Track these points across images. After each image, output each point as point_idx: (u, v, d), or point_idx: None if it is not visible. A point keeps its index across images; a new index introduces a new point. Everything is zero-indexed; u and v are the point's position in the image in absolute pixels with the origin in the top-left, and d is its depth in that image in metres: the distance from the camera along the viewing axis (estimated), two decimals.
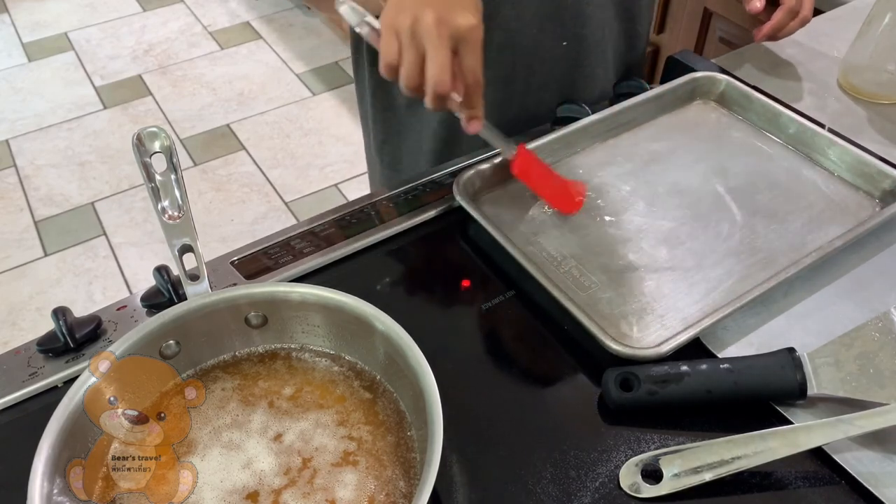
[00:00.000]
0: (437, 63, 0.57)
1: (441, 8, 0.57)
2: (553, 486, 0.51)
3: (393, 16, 0.59)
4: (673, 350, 0.56)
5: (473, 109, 0.62)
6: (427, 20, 0.56)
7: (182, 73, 2.69)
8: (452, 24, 0.57)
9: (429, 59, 0.57)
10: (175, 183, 0.52)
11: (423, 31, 0.57)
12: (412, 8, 0.57)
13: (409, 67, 0.58)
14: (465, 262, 0.68)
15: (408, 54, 0.58)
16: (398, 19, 0.58)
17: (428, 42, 0.57)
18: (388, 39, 0.59)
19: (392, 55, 0.59)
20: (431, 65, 0.57)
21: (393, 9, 0.59)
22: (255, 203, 2.17)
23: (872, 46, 0.83)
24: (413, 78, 0.58)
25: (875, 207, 0.70)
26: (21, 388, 0.57)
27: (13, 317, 1.85)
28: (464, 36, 0.57)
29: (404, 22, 0.57)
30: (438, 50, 0.57)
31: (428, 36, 0.57)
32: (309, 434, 0.51)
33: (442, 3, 0.57)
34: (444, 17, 0.56)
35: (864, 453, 0.51)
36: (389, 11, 0.59)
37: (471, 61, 0.59)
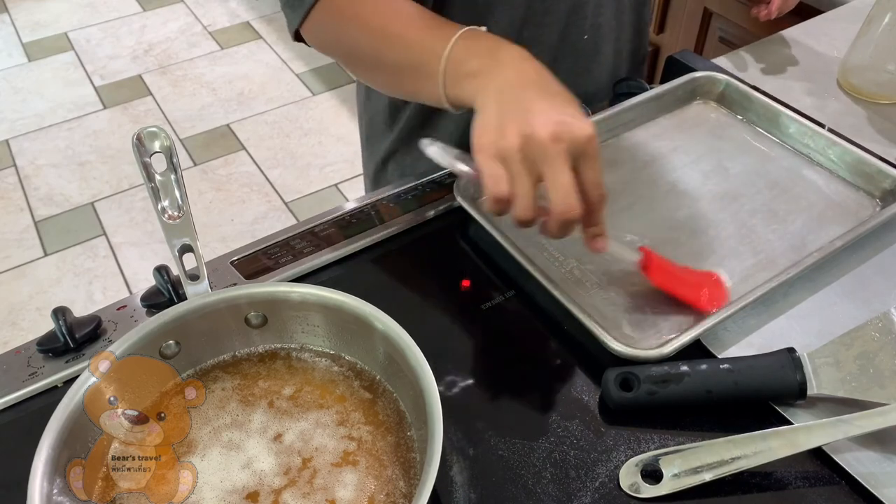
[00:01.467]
0: (562, 187, 0.49)
1: (551, 120, 0.49)
2: (553, 486, 0.51)
3: (493, 139, 0.50)
4: (675, 351, 0.56)
5: (597, 227, 0.55)
6: (540, 138, 0.48)
7: (182, 73, 2.69)
8: (570, 138, 0.49)
9: (551, 183, 0.49)
10: (175, 183, 0.52)
11: (537, 152, 0.49)
12: (516, 127, 0.49)
13: (523, 199, 0.50)
14: (465, 262, 0.68)
15: (521, 184, 0.50)
16: (501, 143, 0.50)
17: (546, 165, 0.49)
18: (493, 170, 0.50)
19: (502, 189, 0.50)
20: (556, 190, 0.49)
21: (491, 134, 0.51)
22: (255, 203, 2.17)
23: (872, 46, 0.83)
24: (529, 210, 0.50)
25: (875, 207, 0.70)
26: (21, 388, 0.57)
27: (13, 317, 1.85)
28: (584, 149, 0.50)
29: (511, 144, 0.49)
30: (561, 173, 0.49)
31: (544, 156, 0.49)
32: (309, 434, 0.51)
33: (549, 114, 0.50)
34: (559, 131, 0.49)
35: (864, 453, 0.51)
36: (486, 133, 0.51)
37: (593, 175, 0.51)
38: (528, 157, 0.50)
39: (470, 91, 0.55)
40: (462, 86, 0.56)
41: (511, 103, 0.52)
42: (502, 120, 0.51)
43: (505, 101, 0.52)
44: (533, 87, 0.53)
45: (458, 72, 0.56)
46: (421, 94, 0.62)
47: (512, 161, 0.50)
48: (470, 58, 0.56)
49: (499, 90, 0.53)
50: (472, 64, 0.55)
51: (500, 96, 0.52)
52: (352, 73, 0.72)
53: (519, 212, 0.51)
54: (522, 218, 0.51)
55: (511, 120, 0.50)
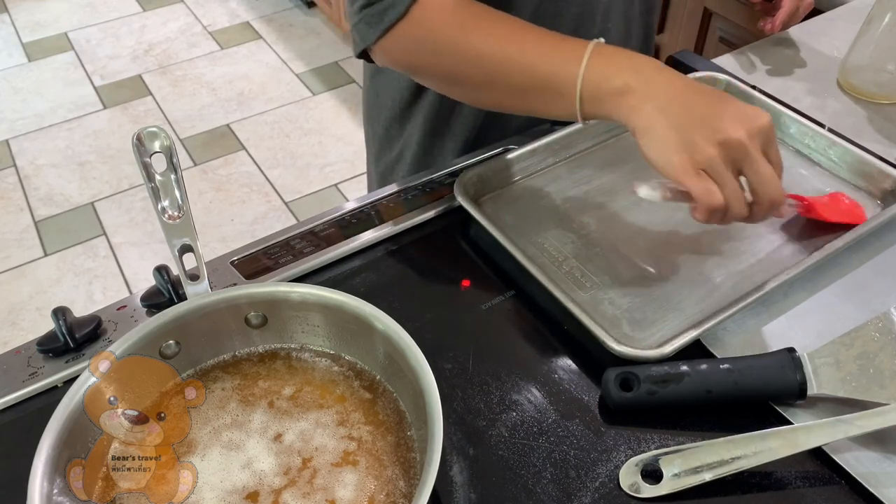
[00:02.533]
0: (769, 180, 0.53)
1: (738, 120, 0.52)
2: (553, 486, 0.51)
3: (688, 158, 0.52)
4: (675, 351, 0.56)
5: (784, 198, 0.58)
6: (738, 139, 0.52)
7: (182, 73, 2.69)
8: (757, 131, 0.52)
9: (757, 178, 0.53)
10: (175, 183, 0.52)
11: (737, 153, 0.52)
12: (707, 137, 0.52)
13: (738, 202, 0.53)
14: (466, 262, 0.68)
15: (731, 190, 0.53)
16: (699, 157, 0.52)
17: (747, 161, 0.53)
18: (702, 184, 0.52)
19: (717, 198, 0.53)
20: (762, 184, 0.53)
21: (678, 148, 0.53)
22: (255, 203, 2.17)
23: (872, 46, 0.83)
24: (743, 209, 0.54)
25: (876, 207, 0.70)
26: (21, 388, 0.57)
27: (13, 317, 1.85)
28: (768, 135, 0.53)
29: (709, 155, 0.52)
30: (762, 165, 0.53)
31: (745, 154, 0.52)
32: (309, 434, 0.51)
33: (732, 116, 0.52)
34: (750, 128, 0.52)
35: (863, 453, 0.51)
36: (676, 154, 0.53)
37: (777, 157, 0.55)
38: (730, 161, 0.52)
39: (621, 111, 0.56)
40: (606, 105, 0.57)
41: (683, 116, 0.53)
42: (685, 137, 0.52)
43: (673, 115, 0.53)
44: (690, 94, 0.54)
45: (599, 91, 0.56)
46: (546, 111, 0.62)
47: (715, 170, 0.52)
48: (611, 76, 0.56)
49: (659, 107, 0.54)
50: (616, 83, 0.56)
51: (666, 113, 0.54)
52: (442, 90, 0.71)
53: (736, 211, 0.54)
54: (740, 216, 0.55)
55: (696, 134, 0.52)
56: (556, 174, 0.75)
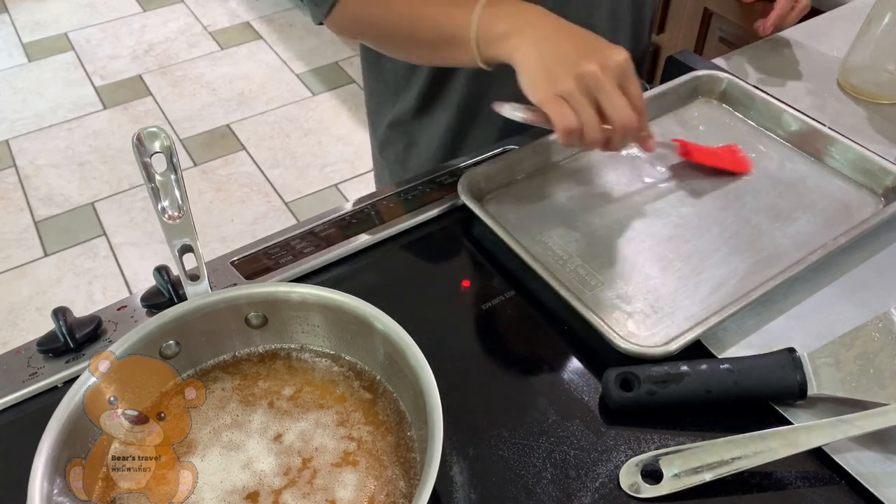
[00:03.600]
0: (619, 107, 0.59)
1: (594, 55, 0.58)
2: (553, 486, 0.51)
3: (549, 86, 0.59)
4: (681, 348, 0.56)
5: (645, 131, 0.65)
6: (592, 70, 0.58)
7: (182, 73, 2.69)
8: (614, 64, 0.58)
9: (609, 105, 0.59)
10: (175, 183, 0.52)
11: (592, 84, 0.58)
12: (566, 69, 0.58)
13: (591, 125, 0.59)
14: (466, 263, 0.68)
15: (586, 113, 0.59)
16: (559, 86, 0.58)
17: (601, 92, 0.58)
18: (559, 109, 0.59)
19: (571, 120, 0.59)
20: (614, 111, 0.59)
21: (545, 81, 0.59)
22: (255, 203, 2.17)
23: (872, 46, 0.83)
24: (598, 132, 0.59)
25: (878, 205, 0.70)
26: (21, 389, 0.57)
27: (13, 317, 1.85)
28: (625, 70, 0.59)
29: (567, 85, 0.58)
30: (614, 93, 0.58)
31: (598, 85, 0.58)
32: (309, 434, 0.51)
33: (590, 51, 0.59)
34: (604, 62, 0.58)
35: (864, 454, 0.51)
36: (542, 85, 0.59)
37: (635, 89, 0.60)
38: (585, 90, 0.58)
39: (506, 50, 0.62)
40: (496, 47, 0.63)
41: (551, 52, 0.60)
42: (550, 68, 0.59)
43: (544, 52, 0.60)
44: (563, 34, 0.61)
45: (489, 36, 0.63)
46: (457, 61, 0.70)
47: (572, 97, 0.58)
48: (498, 21, 0.63)
49: (534, 45, 0.61)
50: (502, 27, 0.63)
51: (538, 50, 0.60)
52: (386, 53, 0.79)
53: (591, 134, 0.60)
54: (594, 140, 0.60)
55: (558, 65, 0.59)
56: (558, 173, 0.75)
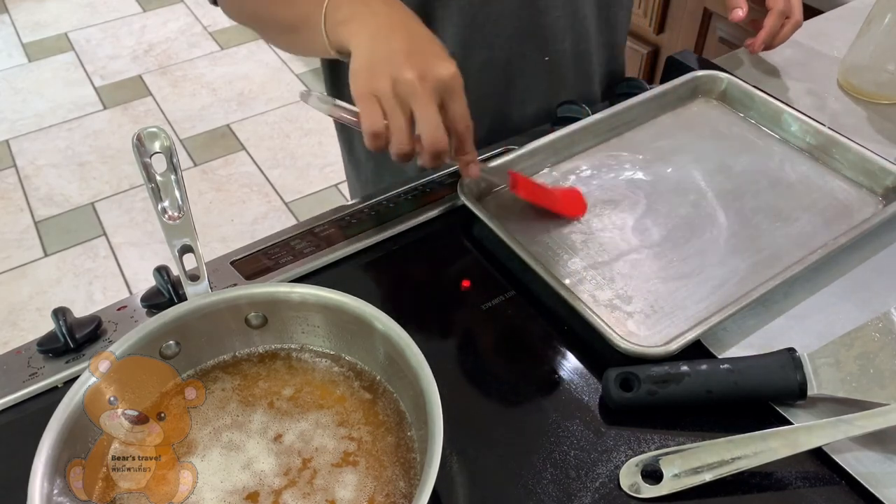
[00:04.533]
0: (429, 121, 0.54)
1: (418, 62, 0.54)
2: (553, 486, 0.51)
3: (366, 82, 0.55)
4: (681, 348, 0.56)
5: (468, 155, 0.60)
6: (408, 78, 0.53)
7: (182, 74, 2.69)
8: (434, 77, 0.54)
9: (420, 118, 0.54)
10: (175, 183, 0.52)
11: (406, 91, 0.54)
12: (386, 69, 0.54)
13: (399, 133, 0.55)
14: (466, 263, 0.68)
15: (395, 119, 0.55)
16: (375, 85, 0.54)
17: (415, 101, 0.54)
18: (368, 108, 0.55)
19: (377, 123, 0.55)
20: (425, 124, 0.54)
21: (364, 76, 0.55)
22: (255, 203, 2.17)
23: (872, 46, 0.83)
24: (405, 142, 0.55)
25: (878, 205, 0.70)
26: (21, 389, 0.57)
27: (13, 317, 1.85)
28: (448, 86, 0.55)
29: (383, 86, 0.54)
30: (428, 107, 0.54)
31: (413, 95, 0.54)
32: (309, 434, 0.51)
33: (416, 57, 0.54)
34: (425, 72, 0.54)
35: (864, 454, 0.51)
36: (360, 79, 0.55)
37: (459, 108, 0.56)
38: (399, 96, 0.54)
39: (345, 37, 0.58)
40: (338, 32, 0.59)
41: (381, 47, 0.56)
42: (374, 63, 0.55)
43: (376, 45, 0.56)
44: (401, 31, 0.57)
45: (334, 20, 0.59)
46: (313, 48, 0.65)
47: (385, 100, 0.54)
48: (342, 5, 0.59)
49: (370, 35, 0.57)
50: (345, 11, 0.59)
51: (372, 42, 0.57)
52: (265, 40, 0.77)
53: (395, 145, 0.56)
54: (400, 150, 0.56)
55: (382, 63, 0.55)
56: (558, 173, 0.75)
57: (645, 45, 1.63)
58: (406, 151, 0.56)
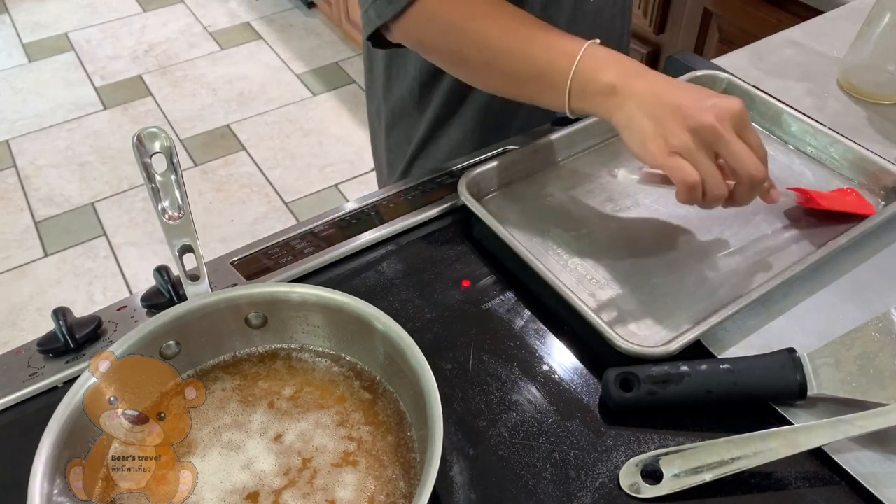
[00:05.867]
0: (742, 156, 0.56)
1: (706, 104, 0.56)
2: (553, 486, 0.51)
3: (662, 142, 0.56)
4: (681, 348, 0.56)
5: (768, 182, 0.61)
6: (709, 123, 0.55)
7: (182, 74, 2.69)
8: (728, 115, 0.56)
9: (731, 157, 0.56)
10: (175, 183, 0.52)
11: (710, 136, 0.55)
12: (675, 123, 0.56)
13: (713, 178, 0.56)
14: (466, 263, 0.68)
15: (706, 167, 0.56)
16: (673, 142, 0.56)
17: (720, 142, 0.56)
18: (677, 165, 0.56)
19: (693, 176, 0.56)
20: (738, 161, 0.56)
21: (654, 137, 0.57)
22: (255, 203, 2.17)
23: (872, 46, 0.83)
24: (721, 185, 0.57)
25: (878, 205, 0.70)
26: (21, 389, 0.57)
27: (13, 317, 1.86)
28: (741, 119, 0.56)
29: (683, 140, 0.56)
30: (734, 144, 0.56)
31: (717, 137, 0.55)
32: (309, 434, 0.51)
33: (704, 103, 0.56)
34: (720, 112, 0.55)
35: (864, 454, 0.51)
36: (653, 141, 0.57)
37: (754, 138, 0.58)
38: (703, 143, 0.56)
39: (606, 107, 0.60)
40: (593, 102, 0.61)
41: (658, 108, 0.57)
42: (660, 125, 0.57)
43: (651, 110, 0.57)
44: (668, 90, 0.58)
45: (587, 88, 0.61)
46: (538, 100, 0.66)
47: (690, 152, 0.56)
48: (599, 76, 0.60)
49: (639, 104, 0.58)
50: (603, 82, 0.60)
51: (645, 108, 0.58)
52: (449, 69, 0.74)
53: (714, 189, 0.57)
54: (717, 195, 0.57)
55: (670, 122, 0.56)
56: (558, 173, 0.75)
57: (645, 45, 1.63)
58: (723, 194, 0.57)
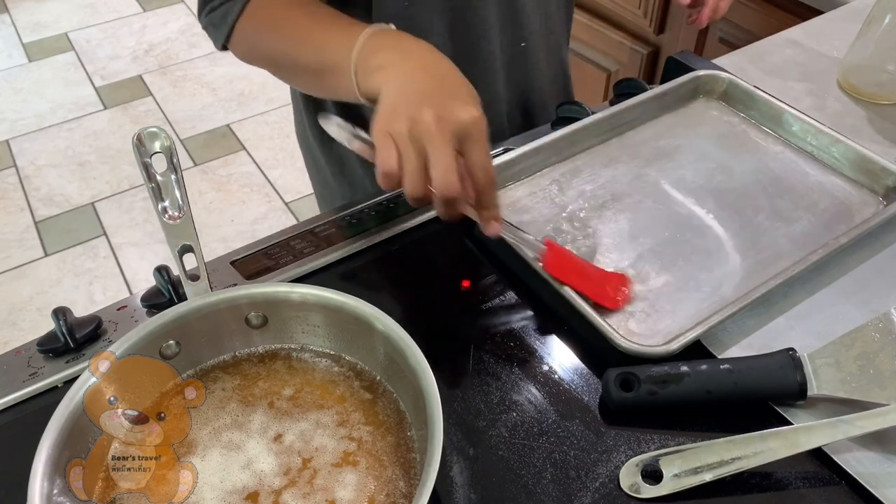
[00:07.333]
0: (441, 165, 0.52)
1: (438, 104, 0.52)
2: (553, 487, 0.51)
3: (386, 122, 0.53)
4: (682, 347, 0.56)
5: (489, 210, 0.56)
6: (425, 119, 0.51)
7: (182, 74, 2.69)
8: (453, 120, 0.52)
9: (432, 161, 0.52)
10: (175, 183, 0.52)
11: (422, 133, 0.52)
12: (407, 110, 0.52)
13: (412, 175, 0.52)
14: (466, 263, 0.68)
15: (409, 161, 0.52)
16: (393, 124, 0.53)
17: (429, 143, 0.52)
18: (384, 147, 0.53)
19: (391, 163, 0.53)
20: (436, 168, 0.52)
21: (385, 115, 0.54)
22: (255, 203, 2.17)
23: (872, 46, 0.83)
24: (418, 185, 0.53)
25: (879, 205, 0.70)
26: (21, 389, 0.57)
27: (13, 317, 1.86)
28: (468, 131, 0.52)
29: (400, 126, 0.52)
30: (442, 150, 0.51)
31: (428, 136, 0.51)
32: (309, 434, 0.51)
33: (439, 99, 0.53)
34: (444, 114, 0.52)
35: (864, 454, 0.51)
36: (381, 118, 0.54)
37: (479, 157, 0.53)
38: (415, 138, 0.52)
39: (378, 83, 0.57)
40: (371, 79, 0.58)
41: (408, 90, 0.55)
42: (398, 105, 0.54)
43: (404, 88, 0.55)
44: (429, 74, 0.56)
45: (367, 67, 0.59)
46: (338, 92, 0.64)
47: (401, 140, 0.53)
48: (377, 52, 0.59)
49: (401, 79, 0.56)
50: (379, 58, 0.58)
51: (401, 85, 0.56)
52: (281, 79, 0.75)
53: (408, 186, 0.53)
54: (412, 193, 0.53)
55: (405, 104, 0.53)
56: (558, 173, 0.75)
57: (645, 45, 1.63)
58: (418, 195, 0.53)
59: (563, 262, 0.62)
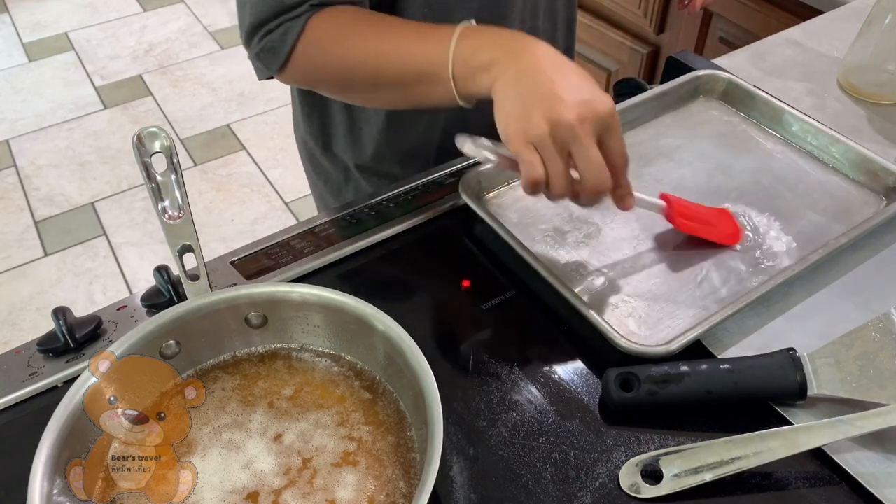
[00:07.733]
0: (593, 164, 0.53)
1: (573, 102, 0.52)
2: (553, 487, 0.51)
3: (523, 129, 0.53)
4: (682, 347, 0.56)
5: (623, 188, 0.58)
6: (567, 120, 0.51)
7: (182, 74, 2.69)
8: (592, 116, 0.52)
9: (582, 161, 0.53)
10: (175, 183, 0.52)
11: (565, 134, 0.52)
12: (542, 113, 0.52)
13: (558, 178, 0.53)
14: (466, 263, 0.68)
15: (555, 166, 0.53)
16: (531, 130, 0.52)
17: (574, 143, 0.52)
18: (527, 156, 0.53)
19: (538, 171, 0.53)
20: (585, 168, 0.53)
21: (517, 121, 0.53)
22: (255, 203, 2.17)
23: (872, 46, 0.83)
24: (564, 188, 0.54)
25: (880, 204, 0.70)
26: (21, 388, 0.57)
27: (13, 317, 1.86)
28: (607, 123, 0.53)
29: (540, 131, 0.52)
30: (589, 149, 0.52)
31: (573, 137, 0.52)
32: (309, 434, 0.51)
33: (569, 95, 0.52)
34: (583, 111, 0.52)
35: (864, 454, 0.51)
36: (514, 125, 0.53)
37: (617, 144, 0.55)
38: (559, 140, 0.52)
39: (486, 83, 0.56)
40: (476, 81, 0.57)
41: (531, 88, 0.54)
42: (526, 106, 0.53)
43: (524, 86, 0.54)
44: (549, 69, 0.54)
45: (468, 69, 0.58)
46: (431, 100, 0.63)
47: (544, 146, 0.53)
48: (477, 52, 0.57)
49: (516, 77, 0.55)
50: (481, 58, 0.57)
51: (519, 83, 0.54)
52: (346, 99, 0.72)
53: (556, 191, 0.54)
54: (561, 194, 0.54)
55: (535, 106, 0.53)
56: None
57: (645, 45, 1.63)
58: (565, 195, 0.55)
59: (684, 212, 0.66)
